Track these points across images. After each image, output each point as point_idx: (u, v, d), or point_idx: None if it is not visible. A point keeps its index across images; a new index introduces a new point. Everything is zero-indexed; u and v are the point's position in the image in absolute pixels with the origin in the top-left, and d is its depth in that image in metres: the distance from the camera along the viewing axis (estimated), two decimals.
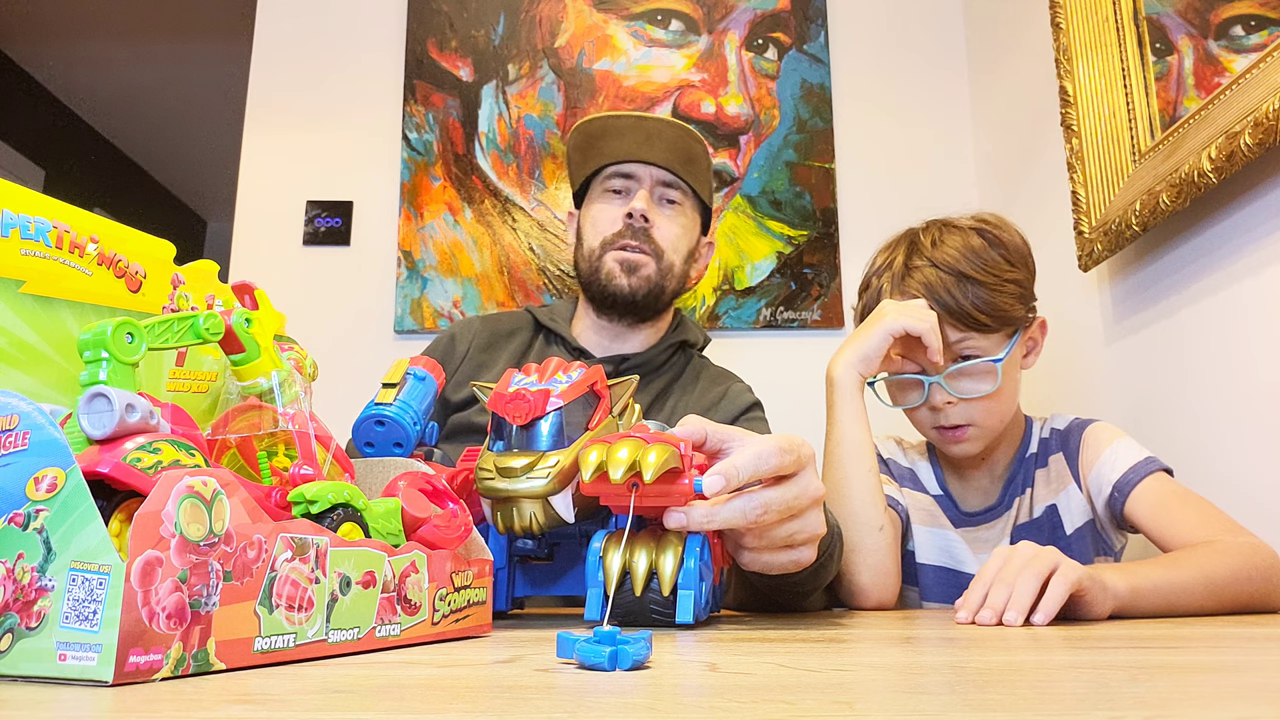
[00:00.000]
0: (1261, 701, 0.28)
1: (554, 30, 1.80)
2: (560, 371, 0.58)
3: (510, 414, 0.54)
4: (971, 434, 0.93)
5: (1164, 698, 0.29)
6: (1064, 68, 1.28)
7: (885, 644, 0.48)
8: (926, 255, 0.94)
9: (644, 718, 0.25)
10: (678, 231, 1.10)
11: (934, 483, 1.02)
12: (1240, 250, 0.96)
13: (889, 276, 0.96)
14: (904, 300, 0.92)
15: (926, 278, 0.92)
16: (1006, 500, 0.97)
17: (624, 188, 1.10)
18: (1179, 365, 1.07)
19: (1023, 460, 0.98)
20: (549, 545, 0.64)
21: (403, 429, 0.58)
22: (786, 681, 0.32)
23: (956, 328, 0.91)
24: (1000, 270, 0.92)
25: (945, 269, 0.92)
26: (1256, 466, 0.93)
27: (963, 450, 0.95)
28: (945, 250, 0.93)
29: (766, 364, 1.68)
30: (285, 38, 1.83)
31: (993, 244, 0.94)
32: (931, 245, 0.95)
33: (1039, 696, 0.29)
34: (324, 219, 1.75)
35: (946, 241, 0.94)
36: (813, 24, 1.79)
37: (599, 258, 1.09)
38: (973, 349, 0.91)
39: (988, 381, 0.91)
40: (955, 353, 0.92)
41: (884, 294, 0.96)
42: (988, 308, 0.90)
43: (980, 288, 0.91)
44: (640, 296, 1.08)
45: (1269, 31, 0.91)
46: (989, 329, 0.91)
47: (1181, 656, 0.42)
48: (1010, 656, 0.41)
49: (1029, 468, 0.97)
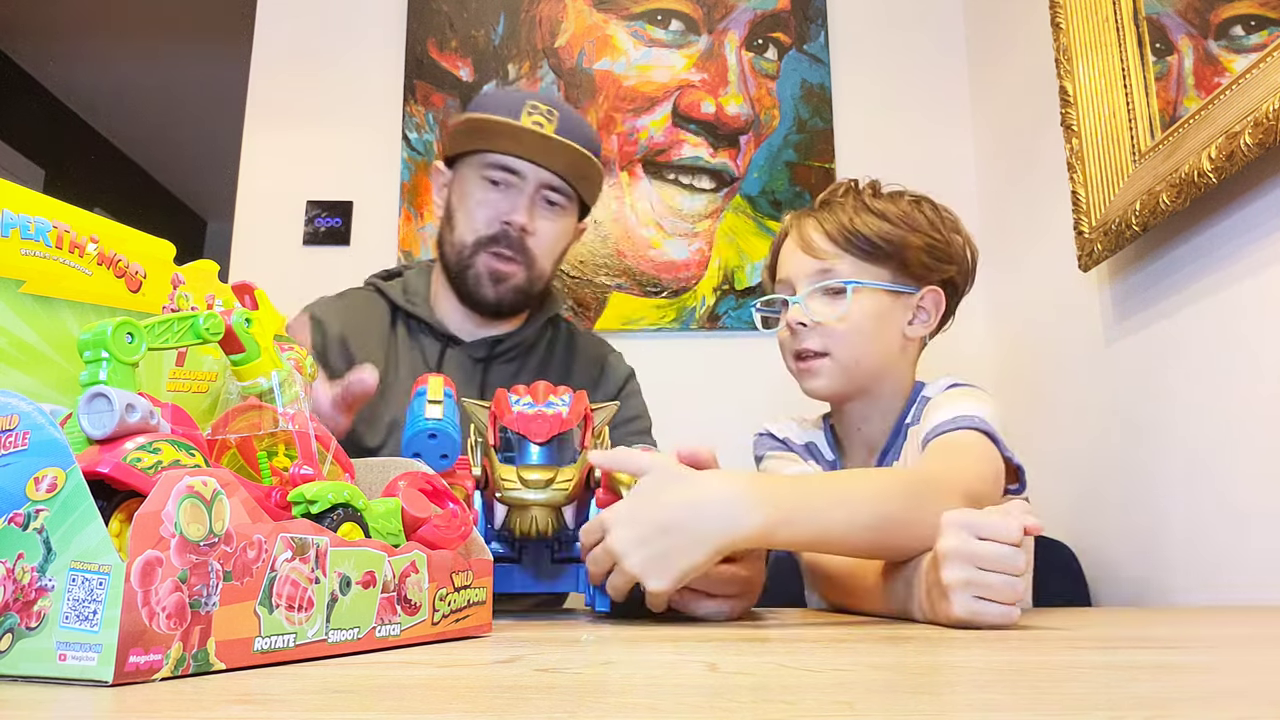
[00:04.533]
0: (1261, 701, 0.28)
1: (554, 30, 1.80)
2: (551, 395, 0.66)
3: (533, 433, 0.63)
4: (824, 366, 0.91)
5: (1164, 698, 0.29)
6: (1064, 68, 1.28)
7: (885, 644, 0.48)
8: (848, 195, 0.95)
9: (644, 718, 0.25)
10: (554, 236, 1.06)
11: (828, 449, 1.00)
12: (1240, 250, 0.96)
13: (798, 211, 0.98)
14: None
15: (835, 207, 0.93)
16: None
17: (504, 180, 1.03)
18: (1179, 365, 1.07)
19: (899, 431, 0.94)
20: (519, 549, 0.70)
21: (453, 442, 0.62)
22: (786, 681, 0.32)
23: (833, 244, 0.91)
24: (915, 220, 0.92)
25: (857, 206, 0.92)
26: (1256, 466, 0.93)
27: (814, 385, 0.93)
28: (866, 195, 0.94)
29: (766, 364, 1.68)
30: (285, 38, 1.83)
31: (929, 205, 0.94)
32: (858, 191, 0.95)
33: (1039, 696, 0.29)
34: (324, 219, 1.75)
35: (874, 190, 0.95)
36: (813, 24, 1.79)
37: (470, 256, 1.04)
38: (839, 276, 0.91)
39: (840, 304, 0.90)
40: (821, 279, 0.91)
41: (788, 230, 0.97)
42: (877, 234, 0.90)
43: (883, 221, 0.91)
44: (505, 305, 1.06)
45: (1269, 31, 0.91)
46: (868, 254, 0.90)
47: (1181, 656, 0.42)
48: (1010, 656, 0.41)
49: (902, 439, 0.93)
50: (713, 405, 1.61)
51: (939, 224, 0.94)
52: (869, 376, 0.92)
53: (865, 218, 0.91)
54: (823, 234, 0.92)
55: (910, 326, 0.94)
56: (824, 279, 0.91)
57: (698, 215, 1.73)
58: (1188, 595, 1.03)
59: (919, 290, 0.93)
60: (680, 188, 1.74)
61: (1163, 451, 1.09)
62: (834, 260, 0.91)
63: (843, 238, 0.91)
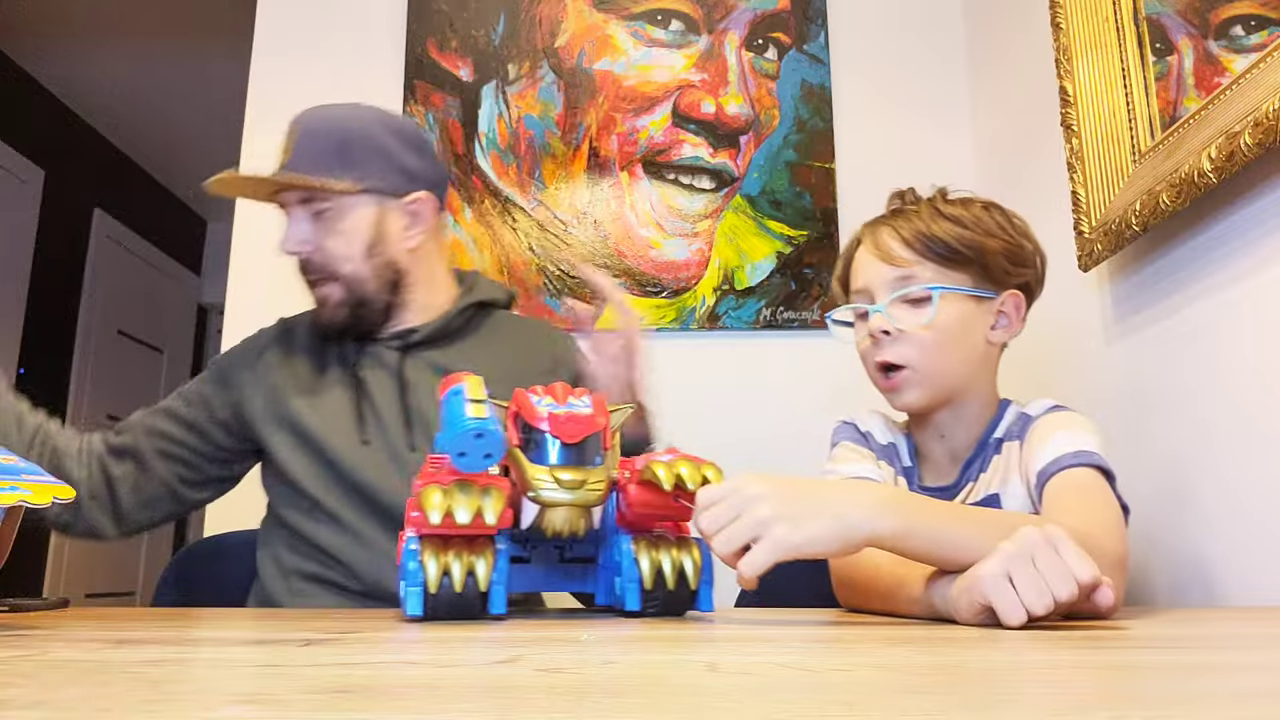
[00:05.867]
0: (1262, 701, 0.28)
1: (554, 30, 1.80)
2: (571, 396, 0.66)
3: (567, 434, 0.63)
4: (908, 378, 0.90)
5: (1164, 698, 0.29)
6: (1064, 68, 1.28)
7: (885, 644, 0.48)
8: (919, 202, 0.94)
9: (644, 718, 0.25)
10: (336, 239, 1.03)
11: (906, 455, 0.99)
12: (1240, 250, 0.96)
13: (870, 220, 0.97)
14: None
15: (909, 215, 0.92)
16: (961, 483, 0.93)
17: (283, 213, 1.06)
18: (1179, 365, 1.07)
19: (985, 444, 0.93)
20: (531, 548, 0.71)
21: (499, 441, 0.62)
22: (786, 681, 0.32)
23: (912, 251, 0.90)
24: (990, 225, 0.92)
25: (932, 213, 0.92)
26: (1257, 466, 0.93)
27: (902, 400, 0.92)
28: (939, 201, 0.94)
29: (766, 364, 1.68)
30: (285, 38, 1.83)
31: (999, 210, 0.94)
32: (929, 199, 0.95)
33: (1039, 696, 0.29)
34: None
35: (945, 196, 0.95)
36: (813, 24, 1.79)
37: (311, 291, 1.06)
38: (922, 283, 0.90)
39: (924, 311, 0.89)
40: (903, 286, 0.90)
41: (860, 239, 0.96)
42: (958, 239, 0.90)
43: (960, 226, 0.90)
44: (346, 322, 1.04)
45: (1269, 31, 0.91)
46: (949, 260, 0.90)
47: (1181, 656, 0.42)
48: (1010, 656, 0.41)
49: (989, 452, 0.93)
50: (713, 405, 1.61)
51: (1011, 228, 0.94)
52: (955, 385, 0.92)
53: (941, 223, 0.90)
54: (900, 241, 0.91)
55: (993, 332, 0.93)
56: (905, 286, 0.90)
57: (698, 215, 1.73)
58: (1187, 595, 1.03)
59: (999, 295, 0.92)
60: (680, 188, 1.74)
61: (1162, 451, 1.09)
62: (914, 267, 0.90)
63: (921, 244, 0.90)
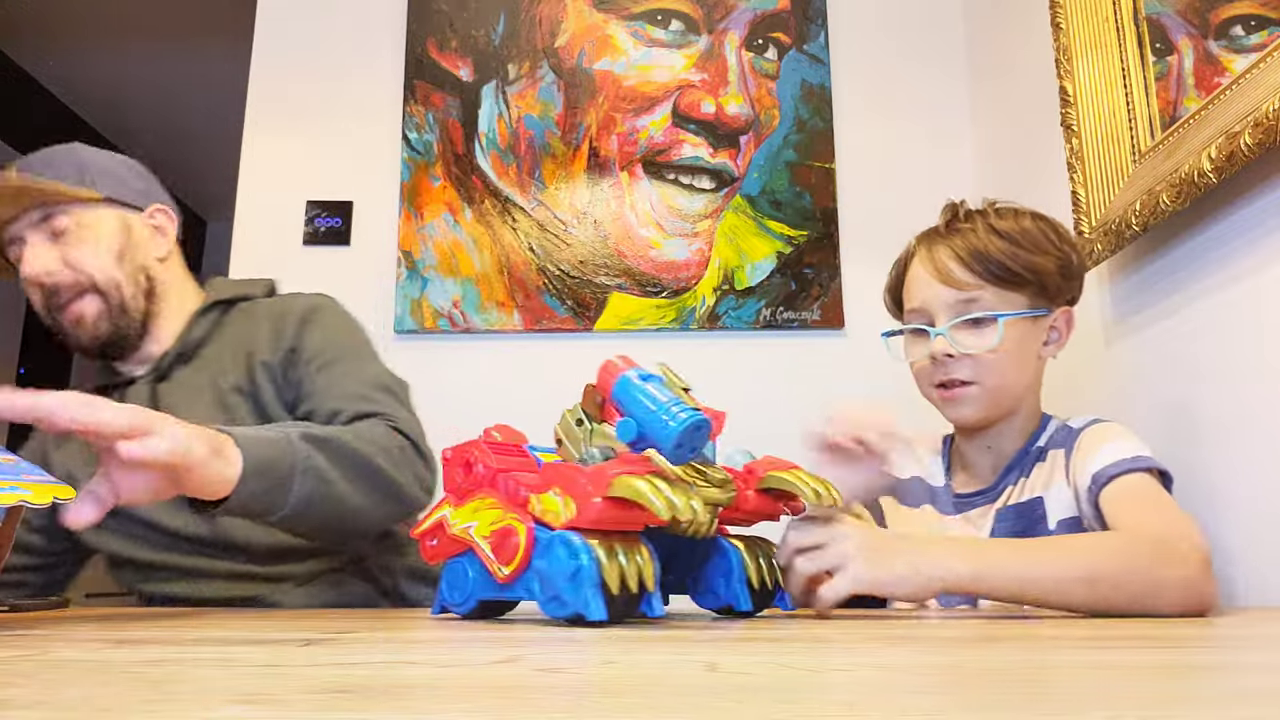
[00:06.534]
0: (1261, 702, 0.28)
1: (554, 30, 1.80)
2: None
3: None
4: (972, 393, 0.91)
5: (1164, 698, 0.29)
6: (1064, 68, 1.28)
7: (885, 644, 0.48)
8: (973, 218, 0.94)
9: (644, 718, 0.25)
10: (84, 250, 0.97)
11: (941, 474, 1.00)
12: (1240, 250, 0.96)
13: (923, 235, 0.97)
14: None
15: (964, 233, 0.92)
16: (1000, 487, 0.95)
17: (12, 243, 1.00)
18: (1179, 365, 1.07)
19: (1027, 452, 0.95)
20: None
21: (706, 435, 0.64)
22: (786, 681, 0.32)
23: (973, 275, 0.90)
24: (1043, 242, 0.92)
25: (986, 229, 0.92)
26: (1257, 467, 0.93)
27: (960, 414, 0.93)
28: (991, 216, 0.94)
29: (766, 364, 1.68)
30: (285, 38, 1.83)
31: (1045, 221, 0.94)
32: (979, 213, 0.95)
33: (1039, 696, 0.29)
34: (324, 219, 1.75)
35: (997, 211, 0.95)
36: (813, 24, 1.79)
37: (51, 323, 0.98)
38: (984, 307, 0.90)
39: (990, 336, 0.90)
40: (964, 310, 0.91)
41: (913, 254, 0.96)
42: (1017, 261, 0.90)
43: (1017, 246, 0.90)
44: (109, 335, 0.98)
45: (1269, 31, 0.91)
46: (1009, 282, 0.90)
47: (1181, 656, 0.42)
48: (1010, 656, 0.41)
49: (1031, 460, 0.94)
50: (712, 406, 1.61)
51: (1060, 239, 0.94)
52: (1012, 401, 0.94)
53: (998, 242, 0.91)
54: (960, 264, 0.91)
55: (1045, 348, 0.94)
56: (969, 310, 0.90)
57: (698, 215, 1.73)
58: None
59: (1053, 311, 0.94)
60: (680, 188, 1.74)
61: (1163, 451, 1.09)
62: (975, 290, 0.90)
63: (981, 265, 0.90)
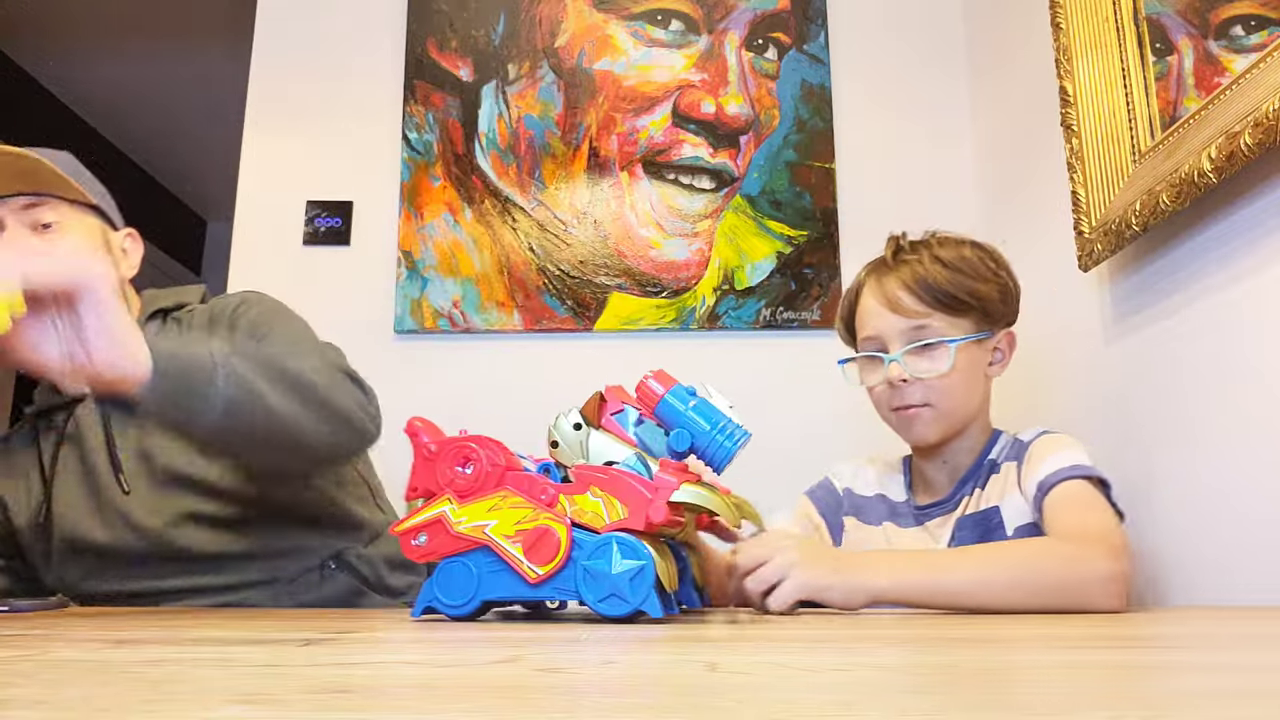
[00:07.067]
0: (1260, 702, 0.28)
1: (554, 30, 1.80)
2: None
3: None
4: (927, 415, 0.97)
5: (1164, 698, 0.29)
6: (1064, 68, 1.28)
7: (885, 644, 0.48)
8: (917, 249, 1.00)
9: (644, 718, 0.25)
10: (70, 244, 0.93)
11: (902, 490, 1.06)
12: (1240, 250, 0.96)
13: (871, 267, 1.03)
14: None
15: (910, 264, 0.99)
16: (956, 498, 1.00)
17: None
18: (1179, 366, 1.07)
19: (980, 464, 1.00)
20: None
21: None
22: (786, 681, 0.32)
23: (922, 303, 0.96)
24: (982, 270, 0.99)
25: (931, 259, 0.98)
26: (1255, 467, 0.93)
27: (918, 434, 0.99)
28: (934, 247, 1.00)
29: (766, 364, 1.68)
30: (285, 38, 1.83)
31: (982, 249, 1.01)
32: (923, 244, 1.01)
33: (1039, 696, 0.29)
34: (324, 219, 1.75)
35: (939, 241, 1.01)
36: (813, 24, 1.79)
37: None
38: (934, 333, 0.96)
39: (942, 361, 0.96)
40: (916, 337, 0.97)
41: (863, 285, 1.03)
42: (961, 289, 0.96)
43: (960, 274, 0.97)
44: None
45: (1269, 31, 0.91)
46: (955, 309, 0.96)
47: (1181, 656, 0.42)
48: (1009, 657, 0.41)
49: (985, 472, 0.99)
50: None
51: (998, 266, 1.01)
52: (964, 419, 1.00)
53: (943, 271, 0.97)
54: (909, 293, 0.98)
55: (991, 368, 1.02)
56: (920, 337, 0.97)
57: (698, 215, 1.73)
58: (1187, 595, 1.03)
59: (995, 334, 1.00)
60: (680, 188, 1.74)
61: (1162, 452, 1.09)
62: (925, 318, 0.97)
63: (929, 295, 0.97)
